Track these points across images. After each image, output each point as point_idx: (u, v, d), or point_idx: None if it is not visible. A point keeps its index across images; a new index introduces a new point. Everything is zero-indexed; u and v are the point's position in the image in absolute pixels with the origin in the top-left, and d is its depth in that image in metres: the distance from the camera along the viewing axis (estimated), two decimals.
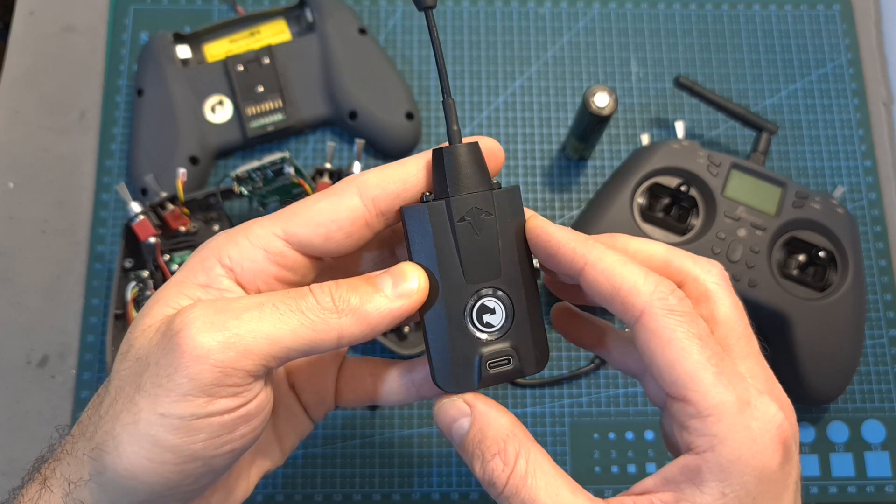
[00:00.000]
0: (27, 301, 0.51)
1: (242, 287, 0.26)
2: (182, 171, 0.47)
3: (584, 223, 0.49)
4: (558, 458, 0.49)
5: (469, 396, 0.26)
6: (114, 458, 0.24)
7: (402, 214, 0.27)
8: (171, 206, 0.48)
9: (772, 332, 0.48)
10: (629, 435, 0.50)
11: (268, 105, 0.53)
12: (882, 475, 0.49)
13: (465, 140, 0.27)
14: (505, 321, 0.27)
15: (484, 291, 0.26)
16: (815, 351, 0.47)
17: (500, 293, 0.27)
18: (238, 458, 0.26)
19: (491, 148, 0.27)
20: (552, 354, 0.51)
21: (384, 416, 0.50)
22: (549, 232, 0.26)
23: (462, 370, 0.26)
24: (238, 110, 0.53)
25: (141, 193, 0.51)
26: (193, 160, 0.52)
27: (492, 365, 0.27)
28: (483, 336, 0.27)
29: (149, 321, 0.25)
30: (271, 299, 0.25)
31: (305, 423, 0.34)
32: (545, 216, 0.53)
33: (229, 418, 0.24)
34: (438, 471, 0.49)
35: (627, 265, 0.25)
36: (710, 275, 0.26)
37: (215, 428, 0.24)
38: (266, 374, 0.25)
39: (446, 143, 0.27)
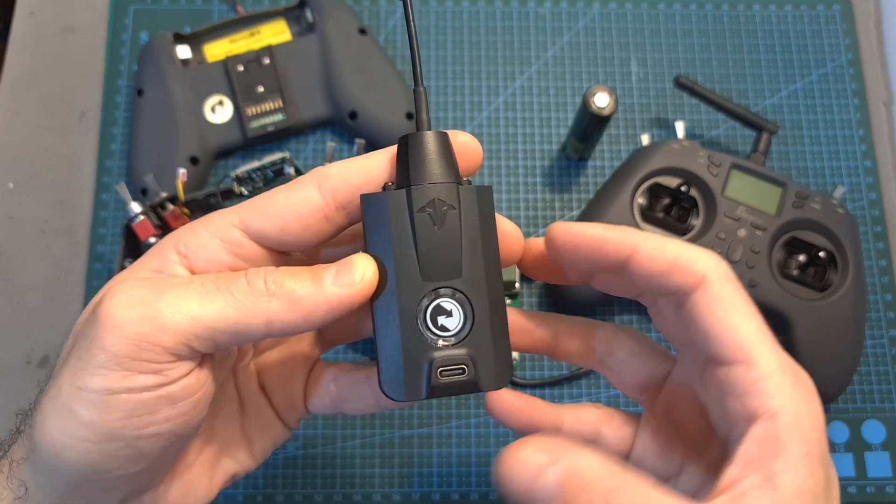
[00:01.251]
0: (27, 301, 0.51)
1: (195, 274, 0.25)
2: (182, 171, 0.47)
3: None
4: None
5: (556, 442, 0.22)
6: (40, 433, 0.24)
7: (362, 202, 0.25)
8: (171, 207, 0.48)
9: (772, 332, 0.48)
10: None
11: (268, 105, 0.53)
12: (882, 475, 0.49)
13: (437, 131, 0.25)
14: (463, 326, 0.24)
15: (442, 291, 0.24)
16: (815, 351, 0.47)
17: (458, 295, 0.24)
18: (174, 446, 0.25)
19: (466, 144, 0.26)
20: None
21: (384, 416, 0.50)
22: (587, 230, 0.26)
23: (409, 375, 0.24)
24: (238, 110, 0.53)
25: (141, 193, 0.51)
26: (193, 160, 0.52)
27: (443, 373, 0.24)
28: (436, 340, 0.24)
29: (95, 300, 0.25)
30: (202, 279, 0.24)
31: (279, 428, 0.32)
32: (545, 216, 0.53)
33: (148, 397, 0.23)
34: (438, 471, 0.49)
35: (671, 241, 0.25)
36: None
37: (133, 405, 0.23)
38: (194, 356, 0.24)
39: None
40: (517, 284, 0.50)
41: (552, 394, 0.50)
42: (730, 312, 0.24)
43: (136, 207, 0.47)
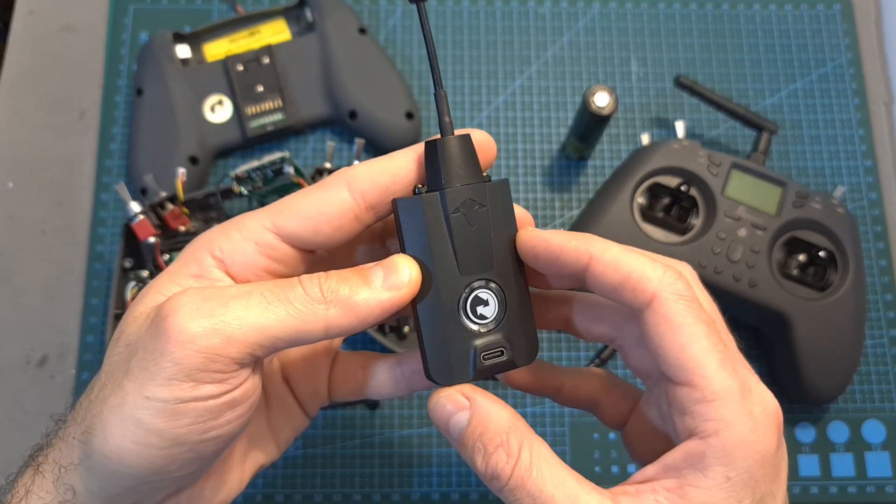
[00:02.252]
0: (27, 301, 0.51)
1: (233, 278, 0.26)
2: (182, 170, 0.47)
3: (584, 223, 0.49)
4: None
5: (467, 389, 0.26)
6: (101, 440, 0.24)
7: (395, 206, 0.26)
8: (170, 206, 0.48)
9: (772, 332, 0.48)
10: None
11: (267, 105, 0.53)
12: (882, 475, 0.49)
13: (457, 132, 0.27)
14: (498, 313, 0.27)
15: (477, 283, 0.26)
16: (815, 351, 0.47)
17: (492, 285, 0.27)
18: (225, 446, 0.26)
19: (482, 141, 0.27)
20: (553, 355, 0.51)
21: (384, 417, 0.50)
22: (547, 239, 0.26)
23: (457, 363, 0.26)
24: (238, 110, 0.53)
25: (140, 193, 0.51)
26: (193, 160, 0.52)
27: (486, 357, 0.26)
28: (477, 328, 0.26)
29: (140, 309, 0.26)
30: (259, 288, 0.25)
31: (300, 418, 0.34)
32: (545, 216, 0.53)
33: (214, 404, 0.24)
34: (438, 471, 0.49)
35: (631, 254, 0.25)
36: (685, 273, 0.27)
37: (200, 413, 0.24)
38: (253, 362, 0.25)
39: (438, 136, 0.27)
40: None
41: None
42: (678, 332, 0.24)
43: (135, 207, 0.47)
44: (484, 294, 0.27)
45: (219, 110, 0.53)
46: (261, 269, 0.26)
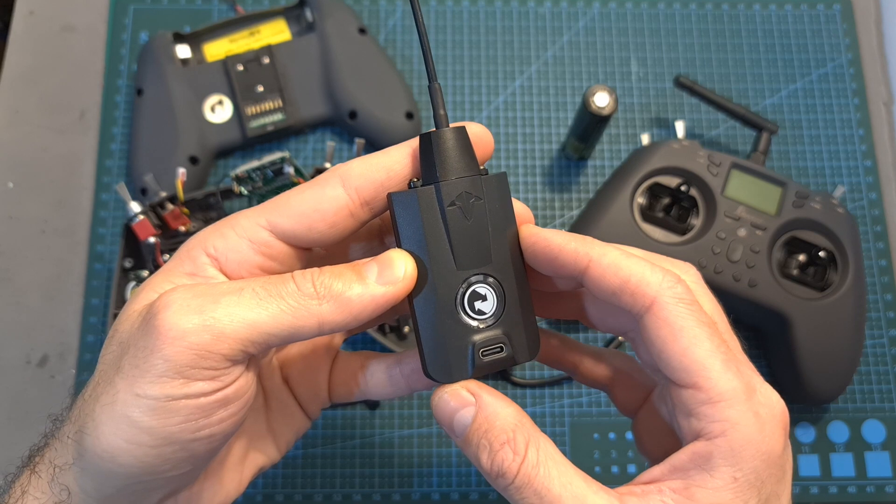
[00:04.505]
0: (27, 301, 0.51)
1: (227, 276, 0.26)
2: (182, 170, 0.47)
3: (584, 223, 0.49)
4: None
5: (472, 385, 0.26)
6: (93, 439, 0.24)
7: (390, 200, 0.26)
8: (170, 206, 0.48)
9: (772, 332, 0.48)
10: (629, 435, 0.50)
11: (267, 105, 0.53)
12: (882, 475, 0.49)
13: (453, 125, 0.26)
14: (496, 308, 0.26)
15: (474, 278, 0.26)
16: (815, 351, 0.47)
17: (490, 279, 0.26)
18: (220, 446, 0.26)
19: (479, 134, 0.27)
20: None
21: (384, 417, 0.50)
22: (547, 237, 0.26)
23: (455, 359, 0.26)
24: (238, 110, 0.53)
25: (141, 193, 0.51)
26: (193, 160, 0.52)
27: (485, 353, 0.26)
28: (475, 323, 0.26)
29: (134, 307, 0.26)
30: (251, 284, 0.24)
31: (301, 420, 0.34)
32: (545, 216, 0.53)
33: (206, 401, 0.24)
34: (438, 471, 0.49)
35: (631, 258, 0.25)
36: (688, 275, 0.27)
37: (191, 410, 0.24)
38: (246, 359, 0.25)
39: (434, 129, 0.26)
40: None
41: (552, 393, 0.50)
42: (680, 336, 0.24)
43: (135, 207, 0.47)
44: (482, 289, 0.26)
45: (219, 110, 0.53)
46: (256, 266, 0.26)
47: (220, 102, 0.53)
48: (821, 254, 0.48)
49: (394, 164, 0.26)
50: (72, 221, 0.53)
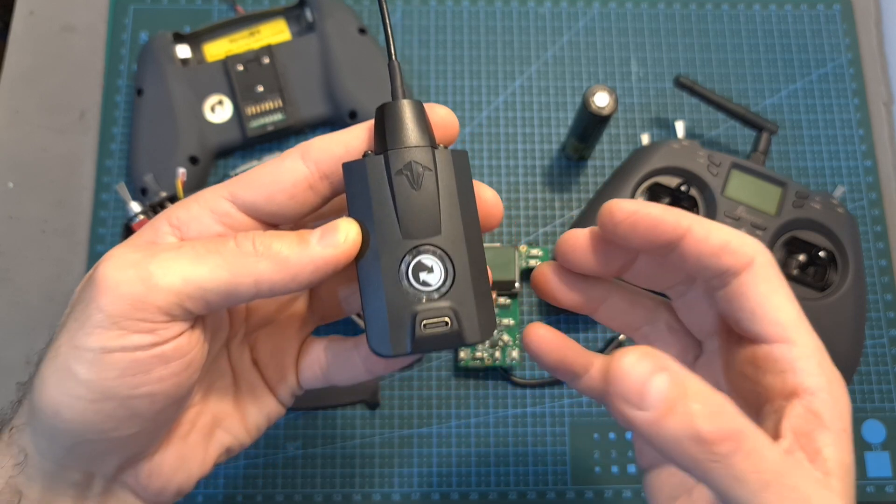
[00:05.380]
0: (27, 301, 0.51)
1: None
2: (182, 170, 0.47)
3: (585, 223, 0.49)
4: (558, 458, 0.49)
5: (658, 355, 0.22)
6: (39, 394, 0.25)
7: (343, 170, 0.26)
8: (170, 206, 0.48)
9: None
10: (629, 435, 0.50)
11: (268, 105, 0.53)
12: (882, 475, 0.49)
13: (410, 101, 0.26)
14: (444, 281, 0.25)
15: (422, 248, 0.25)
16: None
17: (438, 251, 0.25)
18: (164, 406, 0.26)
19: (443, 116, 0.27)
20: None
21: (384, 417, 0.50)
22: (648, 208, 0.26)
23: (395, 330, 0.25)
24: (238, 110, 0.53)
25: (141, 193, 0.51)
26: (193, 160, 0.52)
27: (427, 325, 0.25)
28: (419, 294, 0.25)
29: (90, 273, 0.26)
30: (192, 243, 0.25)
31: (272, 405, 0.33)
32: (545, 216, 0.53)
33: (143, 356, 0.24)
34: (438, 471, 0.49)
35: (721, 225, 0.26)
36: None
37: (127, 364, 0.24)
38: (187, 317, 0.25)
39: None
40: (517, 284, 0.50)
41: (552, 393, 0.50)
42: (774, 294, 0.25)
43: (135, 207, 0.47)
44: (428, 260, 0.25)
45: (219, 110, 0.53)
46: (216, 237, 0.26)
47: (220, 102, 0.54)
48: (821, 254, 0.48)
49: (352, 139, 0.27)
50: (72, 221, 0.53)
